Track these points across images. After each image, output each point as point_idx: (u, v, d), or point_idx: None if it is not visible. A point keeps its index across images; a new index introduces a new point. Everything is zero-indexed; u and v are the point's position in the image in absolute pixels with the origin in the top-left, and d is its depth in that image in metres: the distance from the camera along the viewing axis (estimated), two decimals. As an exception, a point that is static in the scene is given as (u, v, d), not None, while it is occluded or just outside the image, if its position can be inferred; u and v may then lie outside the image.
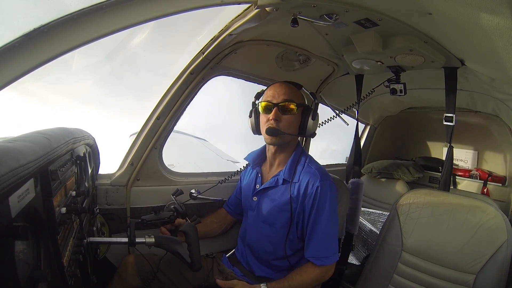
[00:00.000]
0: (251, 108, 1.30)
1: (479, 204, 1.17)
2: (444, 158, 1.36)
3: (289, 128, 1.18)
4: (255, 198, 1.27)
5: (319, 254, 1.13)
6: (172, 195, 1.28)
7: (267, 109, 1.19)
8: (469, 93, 1.65)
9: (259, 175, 1.31)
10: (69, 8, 0.70)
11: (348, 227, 1.52)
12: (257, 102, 1.30)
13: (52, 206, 0.55)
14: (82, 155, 0.88)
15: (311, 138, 2.13)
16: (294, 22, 1.01)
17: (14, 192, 0.40)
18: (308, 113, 1.22)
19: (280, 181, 1.21)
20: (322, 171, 1.19)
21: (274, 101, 1.18)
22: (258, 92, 1.30)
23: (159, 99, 1.33)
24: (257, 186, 1.28)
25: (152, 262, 1.17)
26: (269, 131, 1.17)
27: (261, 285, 1.12)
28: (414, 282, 1.22)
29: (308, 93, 1.28)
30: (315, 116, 1.22)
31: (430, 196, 1.28)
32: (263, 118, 1.22)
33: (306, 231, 1.16)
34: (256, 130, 1.28)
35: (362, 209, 1.94)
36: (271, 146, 1.25)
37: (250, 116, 1.29)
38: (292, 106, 1.18)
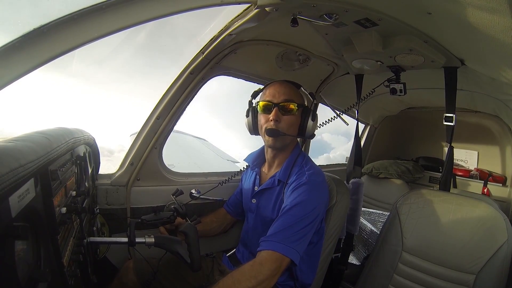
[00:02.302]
0: (248, 107, 1.29)
1: (479, 204, 1.17)
2: (444, 158, 1.36)
3: (289, 129, 1.16)
4: (254, 200, 1.26)
5: (268, 237, 0.99)
6: (172, 195, 1.28)
7: (267, 109, 1.17)
8: (469, 93, 1.65)
9: (258, 176, 1.30)
10: (69, 8, 0.70)
11: (349, 227, 1.52)
12: (254, 101, 1.29)
13: (52, 206, 0.54)
14: (82, 155, 0.88)
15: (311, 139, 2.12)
16: (294, 22, 1.01)
17: (14, 192, 0.40)
18: (307, 113, 1.20)
19: (276, 182, 1.20)
20: (314, 173, 1.13)
21: (275, 101, 1.15)
22: (255, 91, 1.28)
23: (159, 98, 1.34)
24: (256, 188, 1.27)
25: (152, 265, 1.16)
26: (269, 132, 1.15)
27: None
28: (414, 282, 1.21)
29: (307, 93, 1.27)
30: (315, 117, 1.20)
31: (431, 196, 1.28)
32: (262, 118, 1.19)
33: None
34: (254, 130, 1.27)
35: (363, 209, 1.94)
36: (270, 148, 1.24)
37: (247, 116, 1.28)
38: (293, 106, 1.15)
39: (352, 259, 1.77)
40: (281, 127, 1.15)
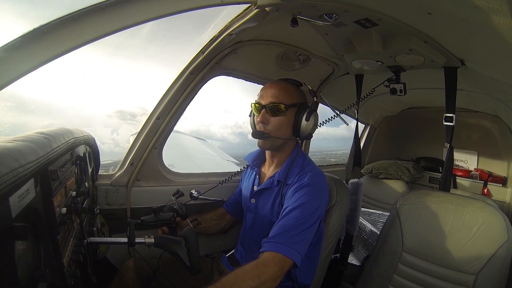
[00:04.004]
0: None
1: (479, 205, 1.17)
2: (444, 159, 1.36)
3: (277, 131, 1.14)
4: (252, 200, 1.26)
5: (271, 239, 0.98)
6: (173, 196, 1.28)
7: (257, 111, 1.17)
8: (469, 93, 1.65)
9: (257, 176, 1.29)
10: (69, 8, 0.70)
11: (348, 228, 1.52)
12: None
13: (52, 206, 0.54)
14: (82, 155, 0.88)
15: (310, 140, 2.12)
16: (294, 22, 1.01)
17: (15, 192, 0.40)
18: (302, 113, 1.15)
19: (275, 182, 1.19)
20: (315, 174, 1.13)
21: (263, 103, 1.14)
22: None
23: (159, 99, 1.34)
24: (255, 187, 1.27)
25: (152, 266, 1.16)
26: (254, 134, 1.16)
27: None
28: (414, 282, 1.21)
29: (309, 89, 1.22)
30: (309, 117, 1.14)
31: (431, 196, 1.28)
32: (254, 119, 1.20)
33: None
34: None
35: (362, 209, 1.94)
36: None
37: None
38: (281, 107, 1.12)
39: (352, 259, 1.77)
40: (268, 130, 1.14)
